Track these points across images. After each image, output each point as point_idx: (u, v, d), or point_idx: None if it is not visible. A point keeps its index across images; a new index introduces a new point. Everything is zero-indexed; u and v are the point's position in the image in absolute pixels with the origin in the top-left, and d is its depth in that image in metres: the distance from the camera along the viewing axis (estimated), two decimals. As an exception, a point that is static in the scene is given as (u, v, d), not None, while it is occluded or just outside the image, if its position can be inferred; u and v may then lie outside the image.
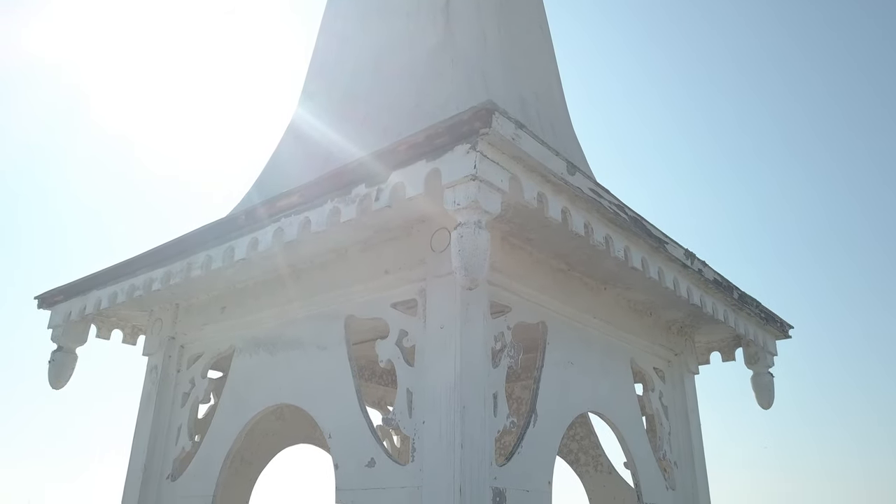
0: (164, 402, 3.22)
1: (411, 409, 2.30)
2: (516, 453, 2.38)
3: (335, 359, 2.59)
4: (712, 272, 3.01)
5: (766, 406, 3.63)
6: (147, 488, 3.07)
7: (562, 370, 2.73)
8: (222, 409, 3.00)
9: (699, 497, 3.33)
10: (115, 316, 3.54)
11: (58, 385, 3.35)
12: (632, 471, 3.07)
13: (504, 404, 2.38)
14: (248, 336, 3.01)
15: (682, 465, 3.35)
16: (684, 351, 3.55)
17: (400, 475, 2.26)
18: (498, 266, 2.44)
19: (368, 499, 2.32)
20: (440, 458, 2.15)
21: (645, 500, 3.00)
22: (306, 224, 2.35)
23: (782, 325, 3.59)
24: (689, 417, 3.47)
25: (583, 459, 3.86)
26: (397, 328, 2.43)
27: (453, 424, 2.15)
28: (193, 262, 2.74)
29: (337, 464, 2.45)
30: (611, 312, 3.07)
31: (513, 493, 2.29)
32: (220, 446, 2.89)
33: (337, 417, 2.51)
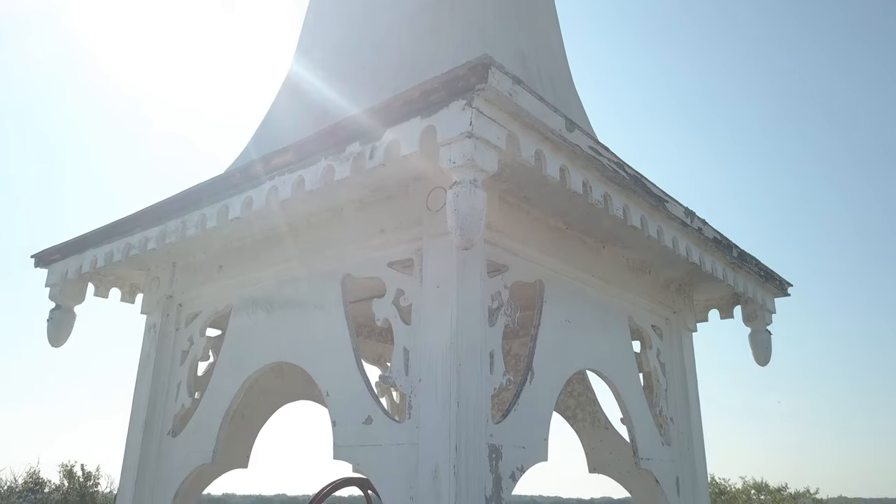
0: (164, 360, 3.24)
1: (408, 367, 2.31)
2: (512, 410, 2.40)
3: (332, 318, 2.59)
4: (712, 230, 2.99)
5: (763, 363, 3.65)
6: (148, 444, 3.11)
7: (559, 328, 2.73)
8: (221, 366, 3.01)
9: (694, 452, 3.37)
10: (113, 274, 3.54)
11: (57, 343, 3.36)
12: (628, 427, 3.10)
13: (500, 362, 2.38)
14: (246, 295, 3.01)
15: (678, 421, 3.38)
16: (682, 309, 3.55)
17: (397, 432, 2.28)
18: (495, 225, 2.42)
19: (365, 455, 2.35)
20: (436, 416, 2.16)
21: (640, 455, 3.04)
22: (300, 183, 2.32)
23: (781, 283, 3.58)
24: (686, 374, 3.49)
25: (580, 416, 3.90)
26: (394, 287, 2.42)
27: (449, 382, 2.16)
28: (188, 221, 2.72)
29: (335, 421, 2.47)
30: (609, 271, 3.06)
31: (509, 449, 2.31)
32: (219, 403, 2.92)
33: (334, 376, 2.52)
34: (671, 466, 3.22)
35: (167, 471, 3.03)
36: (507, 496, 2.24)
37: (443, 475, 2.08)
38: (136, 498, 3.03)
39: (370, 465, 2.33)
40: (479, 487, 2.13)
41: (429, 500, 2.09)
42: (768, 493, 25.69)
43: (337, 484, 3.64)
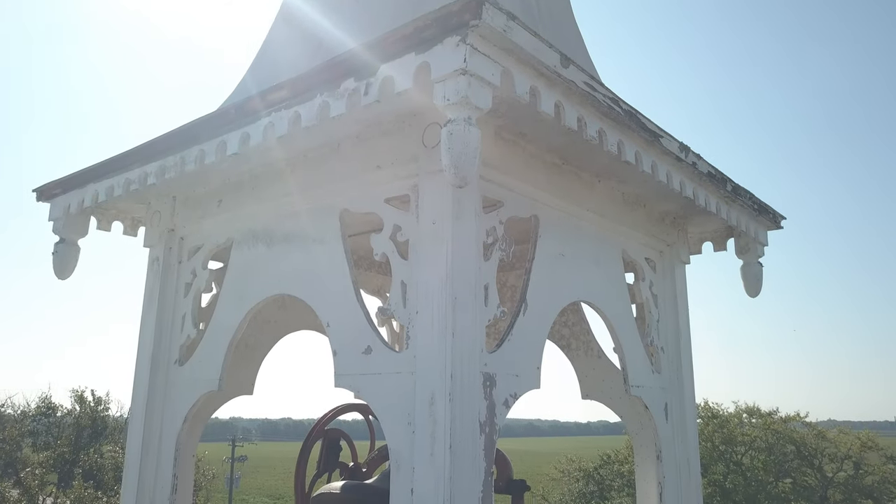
0: (168, 292, 3.32)
1: (406, 300, 2.38)
2: (506, 340, 2.49)
3: (331, 252, 2.65)
4: (706, 165, 3.01)
5: (754, 294, 3.73)
6: (156, 372, 3.23)
7: (553, 262, 2.79)
8: (224, 298, 3.10)
9: (683, 379, 3.49)
10: (115, 208, 3.58)
11: (63, 275, 3.44)
12: (619, 356, 3.20)
13: (495, 295, 2.46)
14: (246, 229, 3.06)
15: (669, 351, 3.49)
16: (676, 242, 3.61)
17: (395, 361, 2.38)
18: (490, 161, 2.44)
19: (365, 383, 2.45)
20: (433, 346, 2.25)
21: (631, 382, 3.16)
22: (296, 119, 2.34)
23: (774, 216, 3.63)
24: (678, 305, 3.58)
25: (574, 345, 4.02)
26: (391, 223, 2.47)
27: (445, 315, 2.24)
28: (187, 157, 2.74)
29: (335, 350, 2.56)
30: (604, 205, 3.10)
31: (502, 377, 2.41)
32: (223, 334, 3.02)
33: (334, 307, 2.60)
34: (660, 393, 3.35)
35: (175, 397, 3.16)
36: (500, 422, 2.36)
37: (439, 402, 2.18)
38: (148, 422, 3.17)
39: (370, 393, 2.43)
40: (473, 413, 2.24)
41: (425, 426, 2.20)
42: (759, 417, 26.50)
43: (339, 410, 3.80)
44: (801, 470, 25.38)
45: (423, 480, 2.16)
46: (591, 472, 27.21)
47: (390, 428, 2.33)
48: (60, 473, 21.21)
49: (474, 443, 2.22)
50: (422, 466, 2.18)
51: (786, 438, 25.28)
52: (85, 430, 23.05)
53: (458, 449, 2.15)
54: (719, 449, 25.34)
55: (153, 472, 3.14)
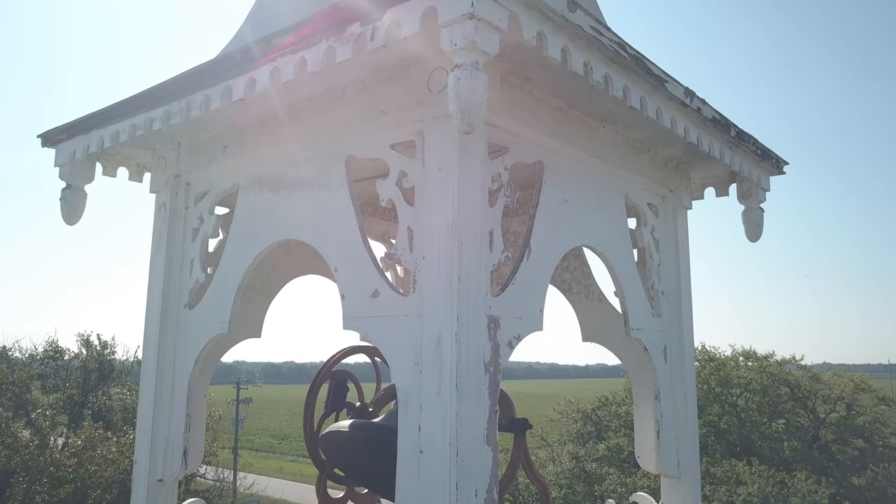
0: (175, 237, 3.37)
1: (412, 245, 2.43)
2: (510, 284, 2.54)
3: (338, 197, 2.68)
4: (711, 110, 3.01)
5: (754, 239, 3.77)
6: (167, 316, 3.30)
7: (557, 207, 2.82)
8: (231, 243, 3.14)
9: (682, 323, 3.57)
10: (120, 154, 3.59)
11: (71, 221, 3.47)
12: (620, 299, 3.27)
13: (500, 240, 2.50)
14: (252, 175, 3.08)
15: (669, 294, 3.56)
16: (679, 187, 3.63)
17: (402, 304, 2.44)
18: (496, 107, 2.45)
19: (373, 325, 2.52)
20: (439, 290, 2.31)
21: (631, 325, 3.23)
22: (302, 64, 2.33)
23: (777, 161, 3.64)
24: (679, 250, 3.63)
25: (575, 289, 4.08)
26: (397, 169, 2.49)
27: (451, 260, 2.28)
28: (192, 102, 2.74)
29: (343, 294, 2.62)
30: (608, 150, 3.11)
31: (506, 319, 2.47)
32: (231, 278, 3.07)
33: (342, 252, 2.65)
34: (660, 336, 3.43)
35: (186, 340, 3.23)
36: (504, 362, 2.43)
37: (445, 343, 2.25)
38: (160, 364, 3.26)
39: (378, 335, 2.50)
40: (478, 354, 2.31)
41: (432, 366, 2.27)
42: (755, 360, 26.94)
43: (346, 352, 3.89)
44: (794, 411, 25.96)
45: (430, 418, 2.25)
46: (589, 414, 27.84)
47: (398, 368, 2.40)
48: (70, 415, 21.71)
49: (479, 382, 2.30)
50: (429, 405, 2.26)
51: (780, 381, 25.77)
52: (92, 373, 23.48)
53: (463, 388, 2.23)
54: (715, 391, 25.86)
55: (167, 412, 3.24)
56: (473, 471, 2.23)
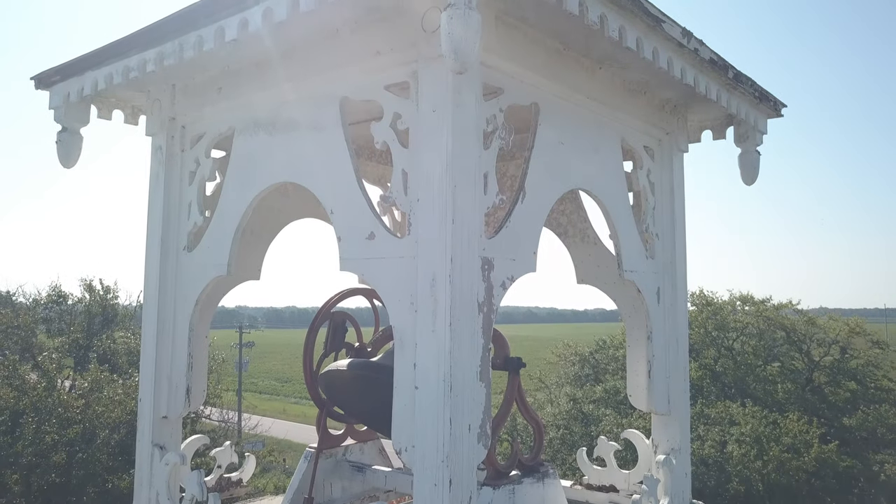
0: (173, 181, 3.38)
1: (407, 187, 2.45)
2: (504, 227, 2.58)
3: (333, 139, 2.69)
4: (708, 51, 2.98)
5: (750, 182, 3.78)
6: (166, 258, 3.34)
7: (552, 150, 2.83)
8: (228, 186, 3.16)
9: (676, 265, 3.61)
10: (114, 97, 3.57)
11: (68, 164, 3.48)
12: (614, 242, 3.30)
13: (494, 183, 2.52)
14: (247, 117, 3.07)
15: (663, 237, 3.59)
16: (675, 130, 3.62)
17: (397, 247, 2.47)
18: (491, 47, 2.43)
19: (369, 267, 2.56)
20: (433, 232, 2.34)
21: (625, 267, 3.27)
22: (294, 4, 2.30)
23: (776, 104, 3.62)
24: (674, 193, 3.64)
25: (571, 232, 4.11)
26: (391, 111, 2.49)
27: (445, 202, 2.31)
28: (185, 43, 2.72)
29: (340, 236, 2.66)
30: (604, 92, 3.09)
31: (500, 261, 2.51)
32: (229, 221, 3.10)
33: (337, 195, 2.67)
34: (653, 278, 3.48)
35: (186, 282, 3.28)
36: (497, 302, 2.48)
37: (439, 284, 2.29)
38: (161, 306, 3.32)
39: (374, 276, 2.55)
40: (472, 294, 2.36)
41: (427, 306, 2.32)
42: (752, 305, 27.19)
43: (344, 293, 3.94)
44: (789, 354, 26.33)
45: (425, 355, 2.31)
46: (586, 357, 28.26)
47: (394, 308, 2.45)
48: (76, 358, 22.05)
49: (473, 321, 2.36)
50: (424, 343, 2.32)
51: (776, 325, 26.05)
52: (96, 317, 23.73)
53: (457, 327, 2.28)
54: (711, 335, 26.18)
55: (169, 352, 3.32)
56: (467, 406, 2.31)
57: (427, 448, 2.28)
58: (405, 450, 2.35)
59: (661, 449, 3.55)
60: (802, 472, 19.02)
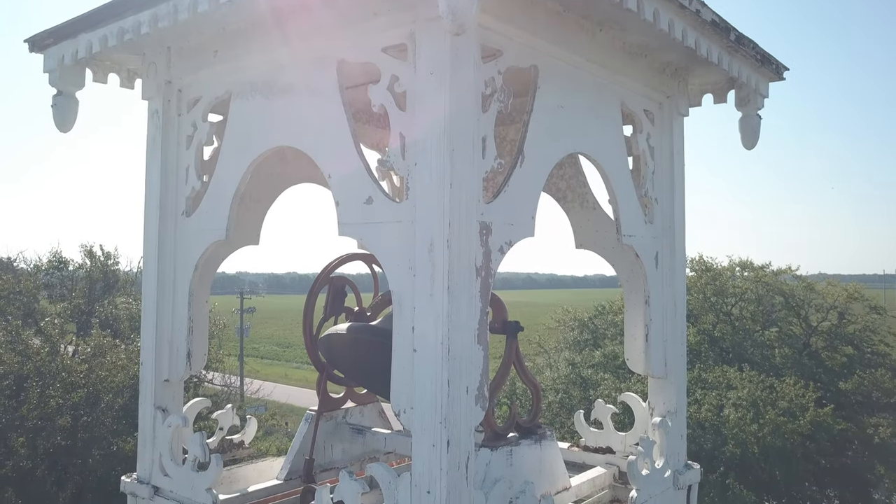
0: (170, 145, 3.36)
1: (404, 151, 2.44)
2: (503, 191, 2.57)
3: (330, 103, 2.67)
4: (710, 13, 2.94)
5: (750, 146, 3.76)
6: (165, 223, 3.34)
7: (551, 113, 2.81)
8: (225, 151, 3.14)
9: (675, 230, 3.61)
10: (109, 60, 3.53)
11: (64, 128, 3.45)
12: (613, 207, 3.30)
13: (492, 147, 2.51)
14: (244, 80, 3.04)
15: (662, 202, 3.58)
16: (676, 93, 3.59)
17: (395, 211, 2.47)
18: (489, 8, 2.39)
19: (367, 232, 2.56)
20: (431, 197, 2.34)
21: (623, 232, 3.28)
22: (290, -37, 2.27)
23: (777, 67, 3.58)
24: (674, 158, 3.62)
25: (570, 197, 4.10)
26: (388, 73, 2.46)
27: (443, 166, 2.30)
28: (179, 5, 2.68)
29: (338, 201, 2.65)
30: (604, 55, 3.06)
31: (498, 226, 2.51)
32: (227, 186, 3.09)
33: (335, 159, 2.66)
34: (652, 243, 3.48)
35: (185, 247, 3.29)
36: (495, 267, 2.49)
37: (437, 248, 2.30)
38: (161, 270, 3.33)
39: (372, 241, 2.55)
40: (469, 259, 2.37)
41: (425, 270, 2.33)
42: (752, 270, 27.26)
43: (344, 258, 3.95)
44: (787, 320, 26.46)
45: (423, 318, 2.33)
46: (585, 322, 28.40)
47: (392, 272, 2.46)
48: (78, 323, 22.17)
49: (471, 285, 2.37)
50: (422, 306, 2.34)
51: (775, 290, 26.13)
52: (97, 283, 23.79)
53: (455, 290, 2.30)
54: (710, 300, 26.27)
55: (169, 316, 3.34)
56: (464, 369, 2.33)
57: (425, 410, 2.31)
58: (404, 411, 2.38)
59: (658, 411, 3.60)
60: (798, 434, 19.27)
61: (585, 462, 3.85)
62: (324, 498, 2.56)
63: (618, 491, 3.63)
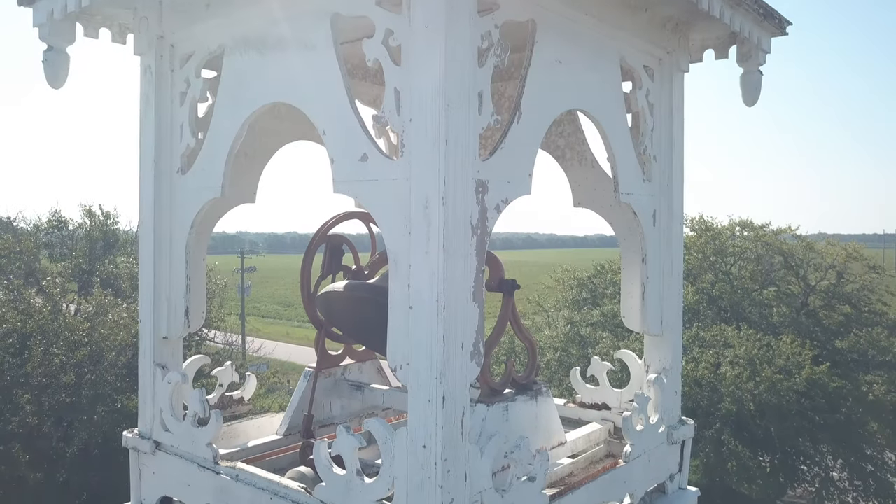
0: (163, 102, 3.32)
1: (399, 107, 2.41)
2: (499, 148, 2.55)
3: (324, 58, 2.62)
4: (713, -36, 2.87)
5: (751, 103, 3.71)
6: (160, 181, 3.32)
7: (549, 69, 2.77)
8: (219, 107, 3.11)
9: (673, 188, 3.59)
10: (100, 14, 3.46)
11: (56, 84, 3.40)
12: (611, 164, 3.28)
13: (489, 103, 2.47)
14: (237, 35, 2.99)
15: (661, 159, 3.55)
16: (677, 49, 3.53)
17: (391, 168, 2.45)
18: (485, -41, 2.34)
19: (363, 189, 2.55)
20: (427, 153, 2.32)
21: (621, 190, 3.26)
22: (281, -88, 2.21)
23: (780, 21, 3.51)
24: (674, 115, 3.58)
25: (568, 154, 4.07)
26: (383, 27, 2.42)
27: (438, 122, 2.28)
28: (169, -45, 2.62)
29: (332, 158, 2.63)
30: (604, 8, 3.00)
31: (494, 183, 2.50)
32: (222, 143, 3.07)
33: (329, 115, 2.63)
34: (649, 200, 3.47)
35: (181, 205, 3.28)
36: (491, 224, 2.48)
37: (432, 206, 2.29)
38: (157, 228, 3.32)
39: (367, 198, 2.54)
40: (465, 216, 2.36)
41: (420, 228, 2.33)
42: (751, 230, 27.24)
43: (341, 217, 3.94)
44: (786, 279, 26.55)
45: (419, 276, 2.33)
46: (584, 281, 28.49)
47: (388, 230, 2.46)
48: (79, 283, 22.27)
49: (466, 243, 2.37)
50: (418, 264, 2.34)
51: (775, 249, 26.14)
52: (97, 242, 23.82)
53: (450, 248, 2.29)
54: (710, 259, 26.32)
55: (167, 274, 3.34)
56: (460, 325, 2.35)
57: (421, 366, 2.33)
58: (400, 367, 2.40)
59: (653, 368, 3.63)
60: (793, 392, 19.50)
61: (581, 418, 3.90)
62: (322, 452, 2.60)
63: (612, 446, 3.68)
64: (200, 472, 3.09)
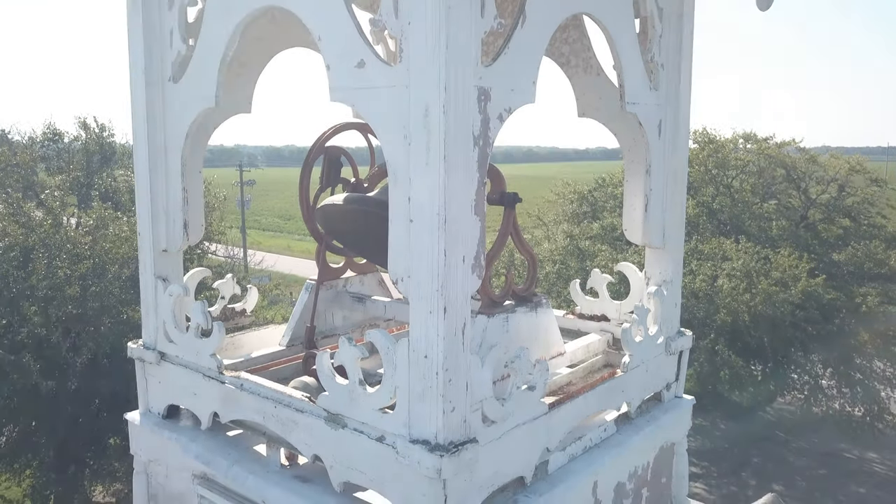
0: (151, 5, 3.17)
1: (397, 9, 2.29)
2: (502, 54, 2.45)
3: (318, -43, 2.48)
4: None
5: (765, 7, 3.55)
6: (152, 90, 3.21)
7: (555, -31, 2.62)
8: (209, 11, 2.97)
9: (680, 97, 3.49)
10: None
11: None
12: (618, 72, 3.17)
13: (492, 5, 2.35)
14: (225, -69, 2.82)
15: (669, 68, 3.44)
16: (690, -53, 3.35)
17: (389, 75, 2.36)
18: None
19: (360, 97, 2.46)
20: (426, 59, 2.22)
21: (627, 99, 3.17)
22: None
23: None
24: (683, 21, 3.44)
25: (573, 62, 3.93)
26: (379, -79, 2.27)
27: (438, 25, 2.17)
28: None
29: (328, 65, 2.53)
30: None
31: (497, 91, 2.41)
32: (214, 49, 2.95)
33: (324, 19, 2.51)
34: (656, 110, 3.37)
35: (174, 114, 3.19)
36: (493, 135, 2.42)
37: (432, 115, 2.22)
38: (151, 139, 3.25)
39: (365, 107, 2.46)
40: (467, 126, 2.29)
41: (420, 138, 2.26)
42: (755, 143, 26.88)
43: (338, 127, 3.85)
44: (786, 192, 26.43)
45: (419, 189, 2.28)
46: (585, 195, 28.37)
47: (387, 140, 2.39)
48: (79, 196, 22.17)
49: (468, 154, 2.31)
50: (418, 176, 2.29)
51: (777, 162, 25.89)
52: (94, 155, 23.53)
53: (452, 159, 2.24)
54: (711, 172, 26.10)
55: (163, 186, 3.30)
56: (461, 238, 2.32)
57: (422, 278, 2.32)
58: (401, 280, 2.40)
59: (654, 281, 3.64)
60: (788, 304, 19.78)
61: (580, 329, 3.95)
62: (324, 363, 2.64)
63: (611, 356, 3.74)
64: (206, 382, 3.14)
